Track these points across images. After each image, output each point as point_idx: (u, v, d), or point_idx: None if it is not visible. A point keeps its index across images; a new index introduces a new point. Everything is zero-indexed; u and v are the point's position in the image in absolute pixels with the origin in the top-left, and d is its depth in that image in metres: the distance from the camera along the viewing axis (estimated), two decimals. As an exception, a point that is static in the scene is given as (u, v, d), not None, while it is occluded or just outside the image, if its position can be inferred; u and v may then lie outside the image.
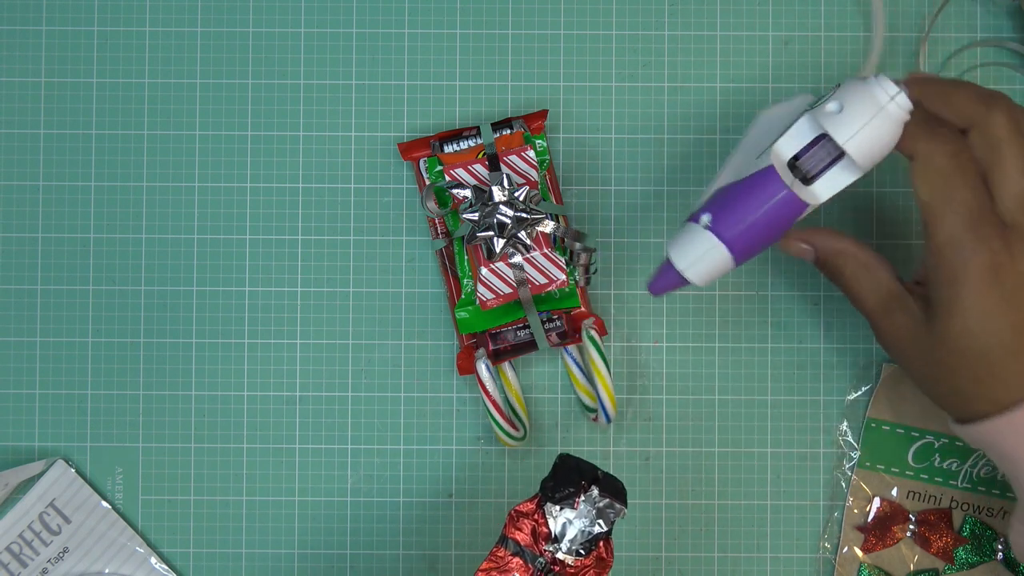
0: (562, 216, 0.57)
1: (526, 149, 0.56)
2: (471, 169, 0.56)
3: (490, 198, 0.54)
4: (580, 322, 0.57)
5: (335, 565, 0.60)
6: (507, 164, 0.56)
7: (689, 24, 0.61)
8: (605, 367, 0.56)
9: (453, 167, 0.56)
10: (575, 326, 0.57)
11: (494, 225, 0.54)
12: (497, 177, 0.55)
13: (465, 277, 0.56)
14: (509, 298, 0.55)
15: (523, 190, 0.55)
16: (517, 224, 0.54)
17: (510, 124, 0.57)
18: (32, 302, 0.60)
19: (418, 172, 0.58)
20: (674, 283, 0.49)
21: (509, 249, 0.54)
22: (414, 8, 0.60)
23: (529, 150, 0.56)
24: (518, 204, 0.54)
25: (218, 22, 0.60)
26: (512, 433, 0.56)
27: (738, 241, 0.47)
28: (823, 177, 0.47)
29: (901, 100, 0.46)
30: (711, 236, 0.47)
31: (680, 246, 0.48)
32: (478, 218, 0.54)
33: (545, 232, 0.55)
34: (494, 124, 0.57)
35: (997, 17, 0.61)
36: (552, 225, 0.55)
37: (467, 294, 0.56)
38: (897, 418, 0.60)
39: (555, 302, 0.56)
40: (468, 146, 0.57)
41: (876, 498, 0.60)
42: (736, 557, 0.60)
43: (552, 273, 0.55)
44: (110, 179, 0.60)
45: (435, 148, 0.57)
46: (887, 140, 0.46)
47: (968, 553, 0.59)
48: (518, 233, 0.54)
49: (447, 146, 0.57)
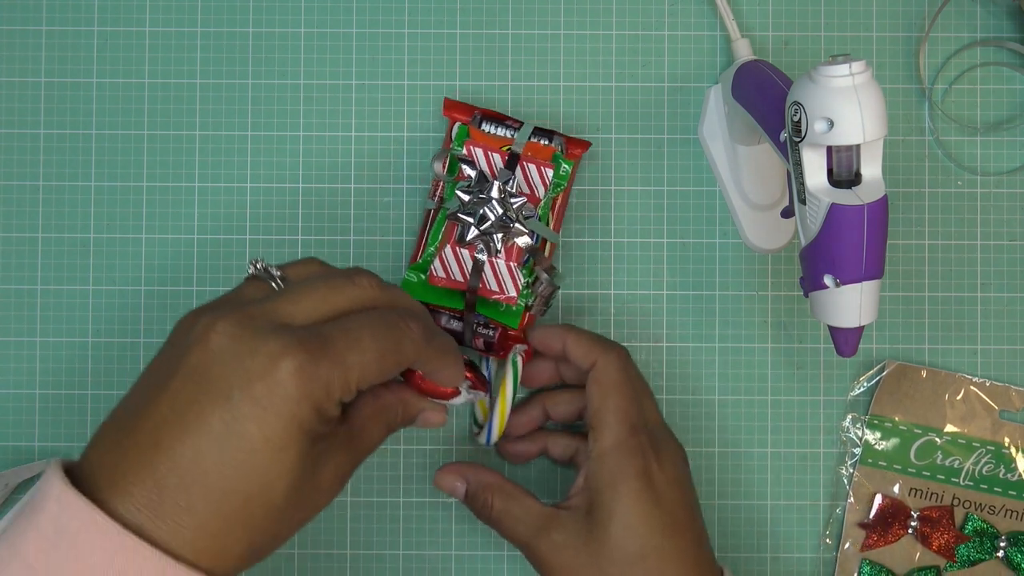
0: (550, 243, 0.57)
1: (548, 166, 0.56)
2: (489, 155, 0.56)
3: (488, 190, 0.54)
4: (512, 343, 0.57)
5: (335, 565, 0.60)
6: (523, 169, 0.56)
7: (689, 24, 0.61)
8: (512, 395, 0.56)
9: (475, 144, 0.56)
10: (506, 345, 0.57)
11: (477, 214, 0.54)
12: (505, 175, 0.55)
13: (432, 246, 0.56)
14: (457, 286, 0.55)
15: (520, 200, 0.55)
16: (498, 226, 0.54)
17: (551, 136, 0.57)
18: (32, 302, 0.60)
19: (449, 132, 0.58)
20: (859, 335, 0.49)
21: (479, 243, 0.54)
22: (414, 8, 0.60)
23: (550, 168, 0.56)
24: (509, 209, 0.54)
25: (218, 22, 0.60)
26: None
27: (869, 269, 0.47)
28: (863, 169, 0.47)
29: (857, 67, 0.45)
30: (852, 286, 0.47)
31: (839, 311, 0.48)
32: (467, 200, 0.54)
33: (519, 246, 0.55)
34: (538, 128, 0.57)
35: (997, 17, 0.61)
36: (527, 243, 0.55)
37: (424, 260, 0.56)
38: (900, 415, 0.60)
39: (497, 313, 0.56)
40: (502, 135, 0.57)
41: (878, 495, 0.60)
42: (736, 557, 0.60)
43: (506, 286, 0.55)
44: (110, 179, 0.60)
45: (474, 120, 0.57)
46: (879, 102, 0.46)
47: (970, 550, 0.59)
48: (495, 234, 0.54)
49: (485, 124, 0.57)
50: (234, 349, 0.41)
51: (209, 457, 0.40)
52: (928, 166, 0.61)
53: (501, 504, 0.53)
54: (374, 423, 0.47)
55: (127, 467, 0.41)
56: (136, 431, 0.41)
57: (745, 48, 0.58)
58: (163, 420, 0.41)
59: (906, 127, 0.61)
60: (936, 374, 0.60)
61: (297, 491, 0.42)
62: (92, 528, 0.39)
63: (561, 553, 0.51)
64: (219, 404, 0.41)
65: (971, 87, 0.61)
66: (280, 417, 0.41)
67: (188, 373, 0.41)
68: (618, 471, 0.51)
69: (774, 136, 0.49)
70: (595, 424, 0.52)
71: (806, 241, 0.48)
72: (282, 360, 0.41)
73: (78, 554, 0.39)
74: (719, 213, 0.60)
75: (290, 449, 0.41)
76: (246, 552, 0.42)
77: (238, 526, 0.41)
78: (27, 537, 0.40)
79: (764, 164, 0.58)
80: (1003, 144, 0.61)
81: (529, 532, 0.52)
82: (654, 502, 0.51)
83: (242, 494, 0.41)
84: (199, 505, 0.40)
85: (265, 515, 0.42)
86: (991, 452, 0.59)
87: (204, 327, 0.42)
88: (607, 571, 0.50)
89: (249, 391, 0.41)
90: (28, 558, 0.39)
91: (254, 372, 0.41)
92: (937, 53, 0.61)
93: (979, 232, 0.61)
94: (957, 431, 0.59)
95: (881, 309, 0.56)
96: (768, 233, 0.58)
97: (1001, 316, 0.61)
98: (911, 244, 0.61)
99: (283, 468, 0.41)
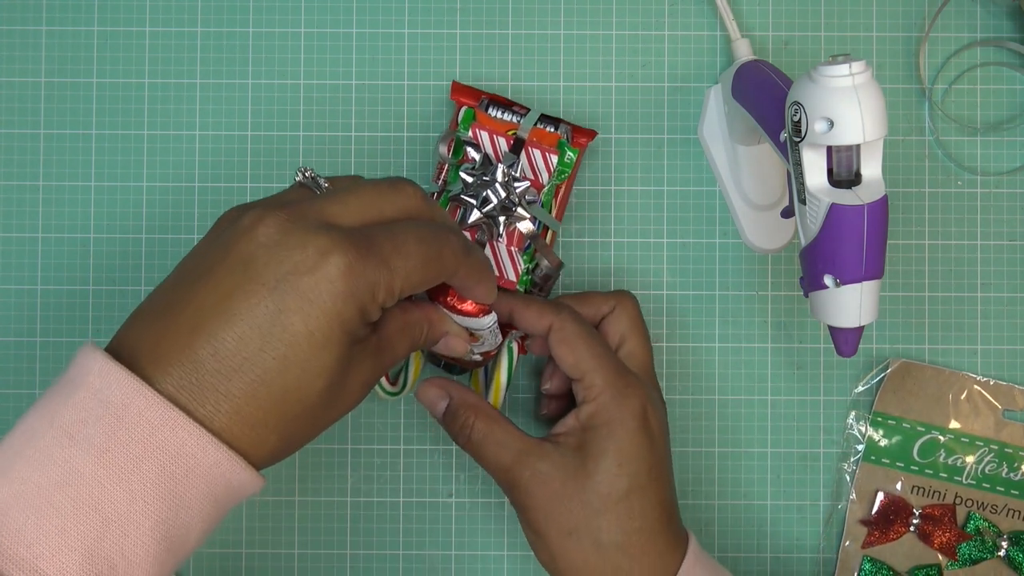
0: (551, 232, 0.57)
1: (553, 153, 0.56)
2: (495, 139, 0.56)
3: (492, 172, 0.54)
4: (508, 331, 0.56)
5: (335, 565, 0.60)
6: (528, 154, 0.56)
7: (689, 24, 0.61)
8: (506, 382, 0.55)
9: (481, 127, 0.56)
10: (503, 331, 0.57)
11: (480, 197, 0.54)
12: (510, 158, 0.55)
13: None
14: None
15: (524, 184, 0.55)
16: (500, 209, 0.54)
17: (557, 124, 0.57)
18: (32, 302, 0.60)
19: (455, 116, 0.58)
20: (858, 335, 0.49)
21: (481, 226, 0.54)
22: (414, 8, 0.60)
23: (555, 155, 0.56)
24: (512, 193, 0.54)
25: (218, 22, 0.60)
26: (386, 387, 0.56)
27: (869, 269, 0.47)
28: (863, 169, 0.47)
29: (857, 67, 0.46)
30: (852, 287, 0.47)
31: (839, 311, 0.48)
32: (471, 182, 0.54)
33: (521, 231, 0.55)
34: (544, 116, 0.57)
35: (997, 17, 0.61)
36: (529, 228, 0.55)
37: None
38: (903, 412, 0.60)
39: None
40: (509, 120, 0.57)
41: (880, 492, 0.60)
42: (736, 557, 0.60)
43: (506, 270, 0.55)
44: (110, 179, 0.60)
45: (481, 104, 0.57)
46: (879, 102, 0.46)
47: (971, 549, 0.59)
48: (497, 217, 0.54)
49: (492, 109, 0.57)
50: (283, 241, 0.41)
51: (251, 346, 0.40)
52: (928, 166, 0.61)
53: (483, 426, 0.52)
54: (401, 336, 0.46)
55: (166, 349, 0.40)
56: (176, 315, 0.41)
57: (745, 48, 0.58)
58: (205, 306, 0.41)
59: (906, 127, 0.61)
60: (940, 372, 0.60)
61: (331, 390, 0.42)
62: (138, 401, 0.39)
63: (544, 484, 0.50)
64: (265, 294, 0.40)
65: (971, 87, 0.61)
66: (326, 313, 0.40)
67: (234, 262, 0.41)
68: (616, 411, 0.51)
69: (774, 136, 0.49)
70: (585, 372, 0.52)
71: (806, 241, 0.48)
72: (332, 256, 0.41)
73: (120, 426, 0.39)
74: (719, 213, 0.60)
75: (331, 347, 0.41)
76: (278, 445, 0.42)
77: (274, 417, 0.41)
78: (66, 408, 0.39)
79: (764, 164, 0.58)
80: (1003, 144, 0.61)
81: (512, 457, 0.51)
82: (648, 444, 0.51)
83: (280, 386, 0.41)
84: (237, 392, 0.40)
85: (300, 411, 0.42)
86: (994, 451, 0.59)
87: (252, 219, 0.42)
88: (590, 505, 0.50)
89: (296, 284, 0.40)
90: (68, 428, 0.39)
91: (303, 266, 0.40)
92: (937, 53, 0.61)
93: (979, 232, 0.61)
94: (960, 430, 0.59)
95: (881, 309, 0.56)
96: (768, 233, 0.58)
97: (1001, 316, 0.61)
98: (911, 244, 0.61)
99: (322, 365, 0.41)
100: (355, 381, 0.44)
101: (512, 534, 0.60)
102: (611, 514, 0.50)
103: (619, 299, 0.55)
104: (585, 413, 0.51)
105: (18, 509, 0.38)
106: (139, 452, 0.39)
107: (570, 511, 0.50)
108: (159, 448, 0.39)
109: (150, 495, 0.39)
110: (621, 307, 0.55)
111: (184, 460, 0.39)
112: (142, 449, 0.39)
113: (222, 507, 0.41)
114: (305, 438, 0.43)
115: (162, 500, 0.39)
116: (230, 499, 0.41)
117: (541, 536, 0.51)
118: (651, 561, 0.51)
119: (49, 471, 0.38)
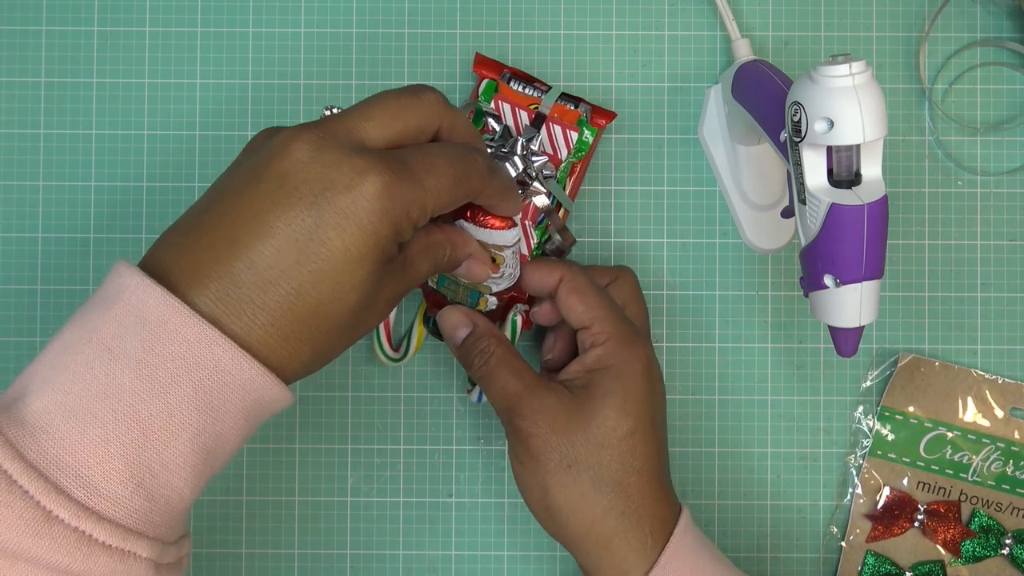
0: (564, 209, 0.57)
1: (574, 129, 0.56)
2: (516, 112, 0.56)
3: (512, 144, 0.55)
4: (513, 303, 0.57)
5: (335, 565, 0.60)
6: (549, 129, 0.56)
7: (689, 24, 0.61)
8: None
9: (504, 99, 0.56)
10: (507, 304, 0.57)
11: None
12: (530, 132, 0.55)
13: None
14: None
15: (542, 159, 0.55)
16: (516, 181, 0.54)
17: (578, 103, 0.57)
18: (32, 302, 0.60)
19: (475, 87, 0.58)
20: (858, 335, 0.49)
21: None
22: (414, 8, 0.61)
23: (575, 132, 0.56)
24: (529, 166, 0.55)
25: (218, 22, 0.60)
26: (388, 352, 0.58)
27: (869, 269, 0.47)
28: (863, 169, 0.47)
29: (857, 67, 0.46)
30: (852, 287, 0.47)
31: (839, 311, 0.48)
32: (490, 152, 0.54)
33: (536, 205, 0.55)
34: (565, 94, 0.57)
35: (997, 17, 0.61)
36: (545, 203, 0.55)
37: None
38: (911, 408, 0.60)
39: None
40: (530, 94, 0.57)
41: (886, 487, 0.60)
42: (736, 557, 0.60)
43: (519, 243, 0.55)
44: (110, 179, 0.60)
45: (503, 77, 0.57)
46: (879, 102, 0.46)
47: (975, 546, 0.59)
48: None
49: (513, 83, 0.57)
50: (320, 158, 0.42)
51: (287, 259, 0.41)
52: (928, 166, 0.61)
53: (504, 354, 0.53)
54: (424, 257, 0.47)
55: (202, 263, 0.41)
56: (212, 231, 0.42)
57: (745, 48, 0.58)
58: (242, 221, 0.41)
59: (906, 127, 0.61)
60: (949, 369, 0.60)
61: (361, 305, 0.43)
62: (174, 318, 0.40)
63: (550, 415, 0.51)
64: (302, 209, 0.41)
65: (971, 87, 0.61)
66: (362, 230, 0.41)
67: (270, 178, 0.42)
68: (624, 354, 0.52)
69: (774, 136, 0.49)
70: (595, 319, 0.53)
71: (806, 241, 0.48)
72: (369, 175, 0.41)
73: (157, 341, 0.40)
74: (719, 213, 0.60)
75: (366, 263, 0.42)
76: (311, 358, 0.43)
77: (307, 330, 0.42)
78: (104, 322, 0.40)
79: (764, 164, 0.58)
80: (1003, 144, 0.61)
81: (522, 386, 0.52)
82: (651, 389, 0.52)
83: (314, 300, 0.41)
84: (273, 305, 0.41)
85: (332, 325, 0.43)
86: (1001, 449, 0.59)
87: (286, 137, 0.43)
88: (593, 439, 0.51)
89: (334, 200, 0.41)
90: (106, 341, 0.40)
91: (340, 183, 0.41)
92: (937, 53, 0.61)
93: (979, 232, 0.61)
94: (968, 427, 0.59)
95: (881, 309, 0.56)
96: (768, 233, 0.58)
97: (1001, 316, 0.61)
98: (911, 244, 0.61)
99: (356, 280, 0.42)
100: (382, 299, 0.45)
101: (512, 534, 0.60)
102: (614, 450, 0.51)
103: (620, 271, 0.56)
104: (592, 356, 0.52)
105: (62, 418, 0.39)
106: (176, 367, 0.40)
107: (572, 444, 0.51)
108: (196, 363, 0.40)
109: (187, 408, 0.40)
110: (623, 278, 0.56)
111: (220, 375, 0.40)
112: (179, 365, 0.40)
113: (253, 421, 0.43)
114: (334, 352, 0.44)
115: (199, 413, 0.40)
116: (261, 414, 0.43)
117: (540, 465, 0.51)
118: (647, 507, 0.51)
119: (90, 383, 0.39)
